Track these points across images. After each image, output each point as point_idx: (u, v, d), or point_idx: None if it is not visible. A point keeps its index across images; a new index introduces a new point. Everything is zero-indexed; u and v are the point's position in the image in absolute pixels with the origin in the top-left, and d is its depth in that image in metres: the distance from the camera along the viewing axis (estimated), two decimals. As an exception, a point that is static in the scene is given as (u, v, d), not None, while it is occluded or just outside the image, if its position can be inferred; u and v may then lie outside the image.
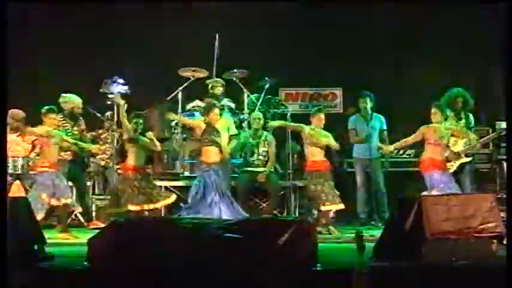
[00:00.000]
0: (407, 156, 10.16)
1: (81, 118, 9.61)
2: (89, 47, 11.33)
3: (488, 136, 9.60)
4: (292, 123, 9.46)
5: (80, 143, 9.20)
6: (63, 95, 9.55)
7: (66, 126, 9.43)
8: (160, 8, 11.35)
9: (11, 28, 10.56)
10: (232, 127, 9.80)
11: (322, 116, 9.01)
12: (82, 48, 11.34)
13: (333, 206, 8.72)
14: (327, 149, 9.04)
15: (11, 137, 9.49)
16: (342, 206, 8.77)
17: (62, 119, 9.39)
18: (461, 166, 8.86)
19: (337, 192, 8.84)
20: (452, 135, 8.56)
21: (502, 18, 8.06)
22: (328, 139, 8.93)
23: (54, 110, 8.82)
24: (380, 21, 11.39)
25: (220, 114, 9.23)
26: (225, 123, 9.47)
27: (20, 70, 10.99)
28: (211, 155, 8.65)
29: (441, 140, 8.28)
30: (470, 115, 9.11)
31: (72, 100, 9.54)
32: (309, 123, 8.99)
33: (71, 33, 11.42)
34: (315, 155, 8.88)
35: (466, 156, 8.91)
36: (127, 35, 11.40)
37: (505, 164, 8.99)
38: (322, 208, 8.72)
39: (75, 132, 9.46)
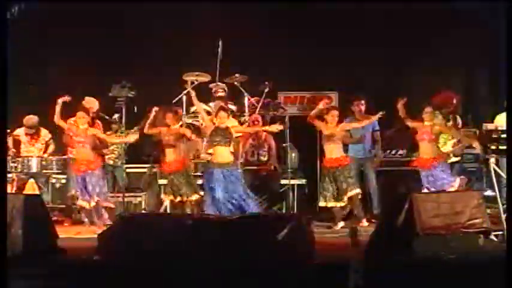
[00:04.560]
0: (399, 156, 10.11)
1: (98, 122, 9.61)
2: (99, 52, 11.32)
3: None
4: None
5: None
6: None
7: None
8: (166, 13, 11.34)
9: (18, 31, 10.79)
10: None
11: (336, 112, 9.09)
12: (91, 53, 11.33)
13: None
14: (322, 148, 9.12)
15: (26, 139, 9.56)
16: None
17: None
18: (450, 165, 8.86)
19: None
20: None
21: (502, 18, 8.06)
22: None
23: None
24: (373, 25, 11.38)
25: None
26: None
27: (29, 74, 11.05)
28: (223, 154, 8.63)
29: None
30: (458, 117, 9.11)
31: (87, 101, 9.60)
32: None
33: (80, 38, 11.40)
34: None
35: (455, 156, 8.92)
36: (135, 40, 11.41)
37: (491, 163, 8.98)
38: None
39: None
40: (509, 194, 6.77)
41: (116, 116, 9.87)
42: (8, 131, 9.66)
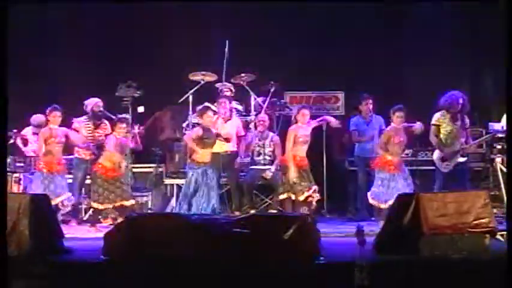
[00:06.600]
0: (405, 156, 10.09)
1: (106, 122, 9.60)
2: (105, 52, 11.33)
3: (483, 137, 9.59)
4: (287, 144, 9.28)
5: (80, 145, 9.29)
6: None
7: (89, 127, 9.48)
8: (172, 13, 11.35)
9: (26, 33, 10.82)
10: (240, 129, 9.84)
11: (307, 112, 9.14)
12: (98, 53, 11.35)
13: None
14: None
15: (33, 138, 9.59)
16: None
17: (86, 120, 9.48)
18: (457, 165, 8.85)
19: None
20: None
21: (502, 18, 8.03)
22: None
23: (58, 108, 8.86)
24: (379, 24, 11.39)
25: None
26: (234, 124, 9.65)
27: (36, 74, 11.07)
28: (203, 155, 8.62)
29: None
30: (466, 117, 9.09)
31: (90, 101, 9.60)
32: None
33: (85, 38, 11.43)
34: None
35: (462, 156, 8.90)
36: (141, 40, 11.42)
37: (498, 163, 8.96)
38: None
39: (98, 134, 9.49)
40: (509, 193, 6.74)
41: (125, 116, 9.86)
42: (15, 130, 9.70)
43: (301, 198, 8.91)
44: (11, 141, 9.76)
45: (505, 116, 8.99)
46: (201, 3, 11.29)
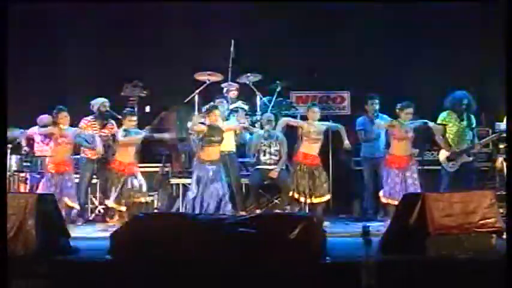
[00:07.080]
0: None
1: (112, 121, 9.61)
2: (110, 52, 11.34)
3: (489, 137, 9.57)
4: (295, 120, 9.45)
5: (86, 144, 9.29)
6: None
7: (95, 126, 9.50)
8: (178, 13, 11.36)
9: (30, 32, 10.85)
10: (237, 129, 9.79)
11: (316, 109, 9.12)
12: (103, 52, 11.36)
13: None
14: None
15: (39, 138, 9.61)
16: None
17: (92, 120, 9.50)
18: (463, 165, 8.84)
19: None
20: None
21: (502, 17, 8.01)
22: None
23: (63, 108, 8.88)
24: (384, 23, 11.37)
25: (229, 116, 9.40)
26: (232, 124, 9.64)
27: (42, 74, 11.10)
28: (210, 153, 8.67)
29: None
30: (472, 116, 9.09)
31: (96, 100, 9.62)
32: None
33: (91, 38, 11.44)
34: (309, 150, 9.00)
35: (468, 155, 8.89)
36: (147, 39, 11.43)
37: (504, 163, 8.94)
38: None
39: (104, 134, 9.51)
40: (509, 193, 6.72)
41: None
42: (22, 130, 9.72)
43: (314, 201, 8.89)
44: (18, 141, 9.79)
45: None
46: (207, 2, 11.29)
